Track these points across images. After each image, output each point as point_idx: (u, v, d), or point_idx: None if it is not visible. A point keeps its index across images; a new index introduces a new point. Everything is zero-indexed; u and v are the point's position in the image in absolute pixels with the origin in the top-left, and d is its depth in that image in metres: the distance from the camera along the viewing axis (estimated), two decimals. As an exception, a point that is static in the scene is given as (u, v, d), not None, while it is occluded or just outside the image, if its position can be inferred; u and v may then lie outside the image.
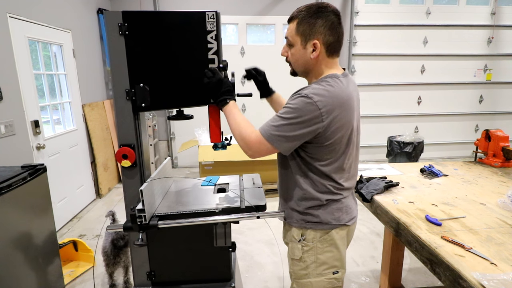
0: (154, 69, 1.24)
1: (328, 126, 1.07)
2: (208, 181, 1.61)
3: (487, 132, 2.27)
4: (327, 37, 1.11)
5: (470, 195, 1.65)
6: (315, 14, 1.11)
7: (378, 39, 5.22)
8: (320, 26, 1.10)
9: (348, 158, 1.18)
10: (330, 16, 1.11)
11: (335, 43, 1.14)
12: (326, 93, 1.06)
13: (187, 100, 1.29)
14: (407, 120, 5.59)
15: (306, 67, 1.18)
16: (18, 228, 1.78)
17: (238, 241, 2.97)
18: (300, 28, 1.13)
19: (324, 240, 1.21)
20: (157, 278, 1.44)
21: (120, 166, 1.34)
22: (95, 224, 3.38)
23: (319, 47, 1.12)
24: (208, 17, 1.21)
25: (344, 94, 1.09)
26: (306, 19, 1.11)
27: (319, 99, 1.04)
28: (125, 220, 1.30)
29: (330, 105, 1.05)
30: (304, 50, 1.15)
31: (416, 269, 2.53)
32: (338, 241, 1.22)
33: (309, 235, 1.22)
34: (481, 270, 1.02)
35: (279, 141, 1.08)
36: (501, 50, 5.42)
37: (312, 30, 1.11)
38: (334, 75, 1.13)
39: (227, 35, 5.11)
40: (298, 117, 1.05)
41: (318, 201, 1.19)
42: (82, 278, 2.47)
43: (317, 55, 1.13)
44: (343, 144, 1.14)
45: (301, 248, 1.23)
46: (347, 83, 1.13)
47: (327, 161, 1.15)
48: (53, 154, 3.21)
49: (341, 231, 1.23)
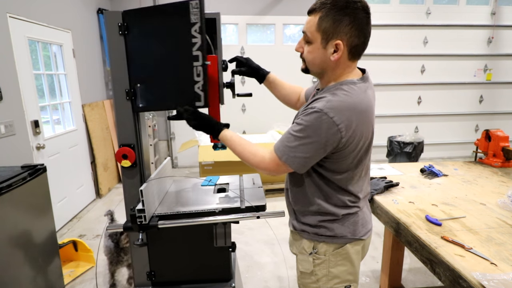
0: (147, 69, 1.19)
1: (347, 141, 0.97)
2: (208, 181, 1.61)
3: (487, 132, 2.27)
4: (353, 38, 0.97)
5: (470, 195, 1.65)
6: (342, 10, 0.94)
7: (378, 39, 5.22)
8: (347, 25, 0.95)
9: (364, 167, 1.11)
10: (360, 14, 0.95)
11: (361, 46, 1.00)
12: (343, 106, 0.95)
13: (177, 101, 1.20)
14: (407, 120, 5.59)
15: (323, 68, 1.05)
16: (18, 228, 1.78)
17: (238, 241, 2.96)
18: (322, 24, 0.97)
19: (337, 254, 1.13)
20: (157, 278, 1.44)
21: (120, 166, 1.34)
22: (95, 224, 3.38)
23: (342, 49, 0.98)
24: (192, 7, 1.08)
25: (363, 103, 0.99)
26: (331, 14, 0.95)
27: (335, 114, 0.93)
28: (125, 220, 1.30)
29: (348, 119, 0.94)
30: (323, 50, 1.00)
31: (416, 269, 2.53)
32: (352, 255, 1.14)
33: (321, 248, 1.13)
34: (481, 270, 1.02)
35: (298, 163, 1.01)
36: (501, 50, 5.42)
37: (336, 29, 0.96)
38: (351, 81, 1.01)
39: (227, 35, 5.11)
40: (314, 136, 0.96)
41: (334, 216, 1.10)
42: (82, 278, 2.46)
43: (339, 57, 0.99)
44: (361, 154, 1.06)
45: (312, 261, 1.15)
46: (365, 88, 1.02)
47: (344, 174, 1.07)
48: (53, 154, 3.21)
49: (356, 246, 1.15)
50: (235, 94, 1.42)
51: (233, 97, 1.44)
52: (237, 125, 5.08)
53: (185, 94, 1.17)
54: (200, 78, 1.15)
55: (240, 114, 5.23)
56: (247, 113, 5.24)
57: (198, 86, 1.15)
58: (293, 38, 5.22)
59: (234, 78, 1.34)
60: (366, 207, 1.20)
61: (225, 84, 1.36)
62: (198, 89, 1.16)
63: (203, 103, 1.17)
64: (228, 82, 1.37)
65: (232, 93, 1.40)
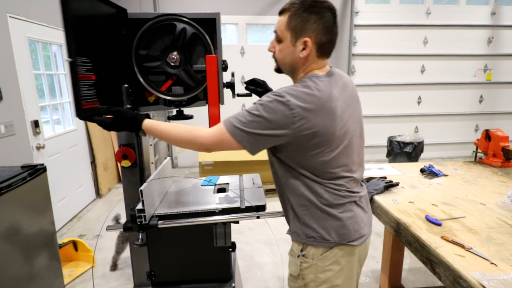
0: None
1: (300, 129, 0.96)
2: (208, 181, 1.61)
3: (487, 132, 2.27)
4: (320, 36, 1.01)
5: (470, 195, 1.65)
6: (309, 9, 1.00)
7: (378, 39, 5.22)
8: (314, 23, 1.00)
9: (343, 164, 1.05)
10: (326, 13, 1.00)
11: (328, 44, 1.04)
12: (300, 94, 0.96)
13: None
14: (407, 120, 5.59)
15: (292, 66, 1.08)
16: (18, 228, 1.78)
17: (238, 241, 2.96)
18: (291, 23, 1.02)
19: (325, 258, 1.07)
20: (157, 278, 1.44)
21: (120, 166, 1.34)
22: (95, 224, 3.37)
23: (310, 46, 1.02)
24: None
25: (323, 96, 0.97)
26: (299, 13, 1.01)
27: (290, 98, 0.95)
28: (125, 220, 1.30)
29: (302, 107, 0.94)
30: (293, 48, 1.04)
31: (416, 269, 2.53)
32: (342, 260, 1.08)
33: (309, 251, 1.09)
34: (481, 270, 1.02)
35: (242, 136, 0.98)
36: (501, 50, 5.42)
37: (304, 27, 1.01)
38: (315, 75, 1.03)
39: (227, 35, 5.11)
40: (266, 114, 0.95)
41: (319, 213, 1.06)
42: (82, 278, 2.46)
43: (307, 54, 1.03)
44: (328, 149, 1.01)
45: (300, 264, 1.11)
46: (329, 83, 1.02)
47: (318, 170, 1.03)
48: (53, 154, 3.21)
49: (347, 251, 1.08)
50: (235, 94, 1.42)
51: (233, 97, 1.44)
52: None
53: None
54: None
55: (240, 114, 5.23)
56: (247, 113, 5.24)
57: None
58: (293, 38, 5.22)
59: (234, 78, 1.34)
60: (361, 211, 1.12)
61: (225, 84, 1.36)
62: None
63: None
64: (228, 82, 1.37)
65: (232, 93, 1.40)
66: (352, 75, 5.28)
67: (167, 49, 1.30)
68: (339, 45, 5.14)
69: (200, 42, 1.33)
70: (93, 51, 1.08)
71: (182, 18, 1.29)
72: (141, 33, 1.27)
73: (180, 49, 1.30)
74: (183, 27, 1.28)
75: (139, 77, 1.29)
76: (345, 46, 5.18)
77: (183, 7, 4.79)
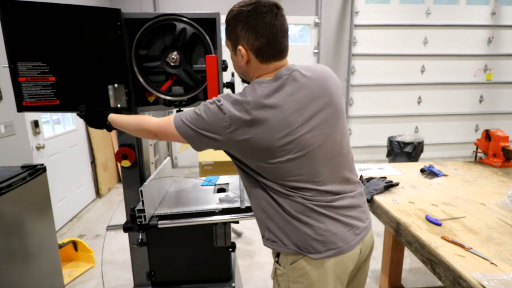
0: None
1: (234, 135, 0.94)
2: (208, 181, 1.61)
3: (487, 132, 2.27)
4: (252, 41, 0.96)
5: (470, 195, 1.65)
6: (235, 17, 0.96)
7: (378, 39, 5.22)
8: (241, 30, 0.96)
9: (298, 174, 0.97)
10: (252, 16, 0.94)
11: (266, 47, 0.96)
12: (235, 101, 0.94)
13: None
14: (407, 120, 5.59)
15: (243, 73, 1.08)
16: (18, 228, 1.78)
17: (238, 241, 2.97)
18: (227, 33, 1.01)
19: (294, 269, 1.00)
20: (157, 278, 1.44)
21: (120, 166, 1.34)
22: (95, 224, 3.37)
23: (244, 54, 0.98)
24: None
25: (257, 103, 0.92)
26: (229, 22, 0.99)
27: (224, 103, 0.94)
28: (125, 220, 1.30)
29: (233, 113, 0.92)
30: (236, 57, 1.03)
31: (416, 269, 2.53)
32: (311, 272, 0.99)
33: (282, 258, 1.03)
34: (481, 270, 1.02)
35: (185, 130, 0.99)
36: (501, 50, 5.42)
37: (235, 35, 0.98)
38: (258, 81, 0.98)
39: (227, 35, 5.11)
40: (205, 116, 0.96)
41: (277, 218, 1.01)
42: (82, 278, 2.46)
43: (245, 61, 1.00)
44: (271, 158, 0.95)
45: (275, 270, 1.07)
46: (271, 88, 0.95)
47: (271, 177, 0.99)
48: (53, 154, 3.21)
49: (314, 262, 0.98)
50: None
51: (233, 97, 1.44)
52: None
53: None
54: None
55: (240, 114, 5.23)
56: (247, 113, 5.24)
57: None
58: (293, 38, 5.21)
59: (234, 78, 1.34)
60: (336, 224, 1.00)
61: (225, 84, 1.36)
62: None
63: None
64: (228, 82, 1.37)
65: (232, 93, 1.40)
66: (352, 75, 5.28)
67: (167, 49, 1.30)
68: (339, 45, 5.15)
69: (200, 42, 1.33)
70: (54, 55, 1.21)
71: (182, 18, 1.29)
72: (141, 33, 1.27)
73: (180, 49, 1.30)
74: (183, 27, 1.28)
75: (139, 77, 1.29)
76: (345, 46, 5.18)
77: (183, 7, 4.79)
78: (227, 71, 1.35)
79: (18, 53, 1.19)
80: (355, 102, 5.40)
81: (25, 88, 1.24)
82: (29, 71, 1.22)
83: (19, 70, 1.22)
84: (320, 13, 4.94)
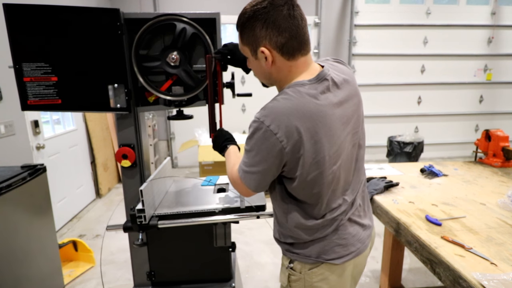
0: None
1: (294, 150, 0.87)
2: (208, 181, 1.61)
3: (487, 132, 2.27)
4: (275, 38, 0.89)
5: (470, 195, 1.65)
6: (251, 19, 0.89)
7: (378, 39, 5.22)
8: (261, 29, 0.89)
9: (334, 181, 0.95)
10: (270, 12, 0.87)
11: (290, 42, 0.90)
12: (279, 111, 0.86)
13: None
14: (407, 120, 5.59)
15: (268, 78, 1.00)
16: (18, 228, 1.78)
17: (238, 241, 2.96)
18: (244, 37, 0.94)
19: (313, 274, 1.00)
20: (157, 278, 1.44)
21: (120, 166, 1.34)
22: (95, 224, 3.37)
23: (269, 54, 0.91)
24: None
25: (308, 106, 0.87)
26: (245, 25, 0.91)
27: (271, 122, 0.85)
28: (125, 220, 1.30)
29: (287, 126, 0.85)
30: (257, 61, 0.95)
31: (416, 269, 2.53)
32: (331, 276, 1.01)
33: (297, 265, 1.03)
34: (481, 270, 1.02)
35: (253, 180, 0.93)
36: (501, 50, 5.42)
37: (254, 37, 0.91)
38: (299, 83, 0.91)
39: (227, 35, 5.11)
40: (256, 148, 0.88)
41: (300, 238, 1.00)
42: (82, 278, 2.46)
43: (271, 62, 0.92)
44: (324, 168, 0.91)
45: (288, 276, 1.05)
46: (318, 89, 0.90)
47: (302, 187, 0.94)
48: (53, 154, 3.21)
49: (334, 267, 1.00)
50: (235, 94, 1.42)
51: (233, 97, 1.44)
52: (237, 125, 5.07)
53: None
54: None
55: (240, 114, 5.23)
56: (247, 113, 5.24)
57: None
58: (293, 38, 5.22)
59: (234, 80, 1.34)
60: (355, 227, 1.03)
61: (225, 84, 1.36)
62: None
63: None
64: (228, 82, 1.37)
65: (232, 93, 1.40)
66: (352, 75, 5.28)
67: (167, 49, 1.30)
68: (339, 45, 5.15)
69: (200, 42, 1.33)
70: (56, 56, 1.23)
71: (182, 18, 1.29)
72: (141, 33, 1.27)
73: (180, 49, 1.30)
74: (183, 27, 1.28)
75: (139, 77, 1.30)
76: (345, 46, 5.18)
77: (183, 7, 4.79)
78: (227, 71, 1.35)
79: (23, 54, 1.23)
80: (355, 102, 5.40)
81: (30, 88, 1.27)
82: (33, 71, 1.25)
83: (24, 71, 1.25)
84: (320, 13, 4.94)
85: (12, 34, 1.19)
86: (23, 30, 1.19)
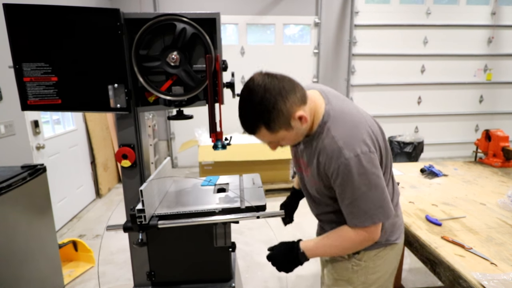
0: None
1: (378, 152, 0.99)
2: (208, 181, 1.61)
3: (487, 132, 2.27)
4: (295, 96, 0.93)
5: (470, 195, 1.65)
6: (268, 103, 0.90)
7: (378, 39, 5.22)
8: (285, 102, 0.91)
9: (389, 175, 1.09)
10: (280, 85, 0.92)
11: (302, 89, 0.97)
12: (351, 133, 0.94)
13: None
14: (407, 120, 5.59)
15: (303, 134, 1.02)
16: (18, 228, 1.78)
17: (238, 241, 2.96)
18: (273, 127, 0.94)
19: (377, 258, 1.11)
20: (157, 278, 1.44)
21: (120, 166, 1.34)
22: (95, 224, 3.38)
23: (303, 114, 0.94)
24: None
25: (353, 116, 0.99)
26: (267, 115, 0.91)
27: (355, 146, 0.92)
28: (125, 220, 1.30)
29: (361, 138, 0.94)
30: (294, 131, 0.97)
31: (416, 269, 2.53)
32: (391, 258, 1.14)
33: (363, 254, 1.11)
34: (481, 270, 1.02)
35: (382, 214, 0.96)
36: (501, 50, 5.42)
37: (284, 115, 0.92)
38: (327, 111, 0.99)
39: (227, 35, 5.11)
40: (369, 175, 0.92)
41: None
42: (82, 278, 2.46)
43: (307, 119, 0.96)
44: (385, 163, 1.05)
45: (351, 267, 1.12)
46: (336, 102, 1.03)
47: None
48: (53, 154, 3.21)
49: (394, 249, 1.14)
50: (235, 94, 1.42)
51: (233, 97, 1.44)
52: (237, 125, 5.07)
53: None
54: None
55: (240, 114, 5.23)
56: (247, 113, 5.24)
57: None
58: (293, 38, 5.21)
59: (234, 78, 1.34)
60: (396, 207, 1.16)
61: (225, 84, 1.36)
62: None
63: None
64: (228, 82, 1.37)
65: (232, 93, 1.40)
66: (352, 75, 5.28)
67: (167, 49, 1.30)
68: (339, 45, 5.15)
69: (200, 42, 1.33)
70: (56, 56, 1.23)
71: (182, 18, 1.29)
72: (141, 33, 1.27)
73: (180, 49, 1.30)
74: (183, 27, 1.28)
75: (139, 77, 1.30)
76: (345, 46, 5.18)
77: (183, 7, 4.80)
78: (227, 71, 1.35)
79: (22, 54, 1.23)
80: (355, 102, 5.40)
81: (30, 88, 1.27)
82: (33, 71, 1.25)
83: (24, 71, 1.25)
84: (320, 13, 4.94)
85: (12, 34, 1.19)
86: (23, 30, 1.19)
